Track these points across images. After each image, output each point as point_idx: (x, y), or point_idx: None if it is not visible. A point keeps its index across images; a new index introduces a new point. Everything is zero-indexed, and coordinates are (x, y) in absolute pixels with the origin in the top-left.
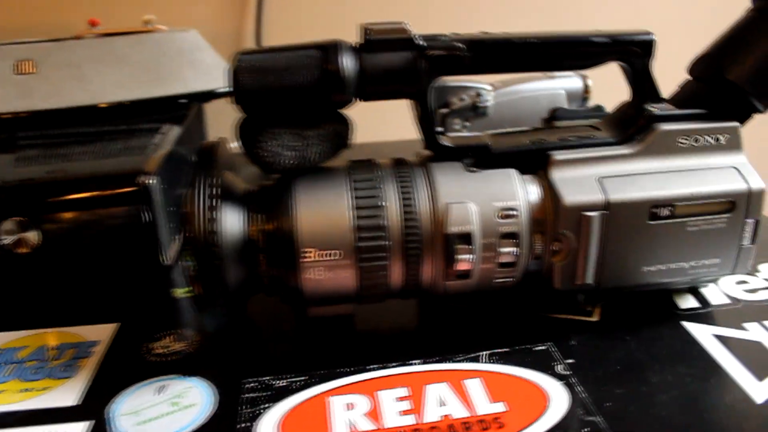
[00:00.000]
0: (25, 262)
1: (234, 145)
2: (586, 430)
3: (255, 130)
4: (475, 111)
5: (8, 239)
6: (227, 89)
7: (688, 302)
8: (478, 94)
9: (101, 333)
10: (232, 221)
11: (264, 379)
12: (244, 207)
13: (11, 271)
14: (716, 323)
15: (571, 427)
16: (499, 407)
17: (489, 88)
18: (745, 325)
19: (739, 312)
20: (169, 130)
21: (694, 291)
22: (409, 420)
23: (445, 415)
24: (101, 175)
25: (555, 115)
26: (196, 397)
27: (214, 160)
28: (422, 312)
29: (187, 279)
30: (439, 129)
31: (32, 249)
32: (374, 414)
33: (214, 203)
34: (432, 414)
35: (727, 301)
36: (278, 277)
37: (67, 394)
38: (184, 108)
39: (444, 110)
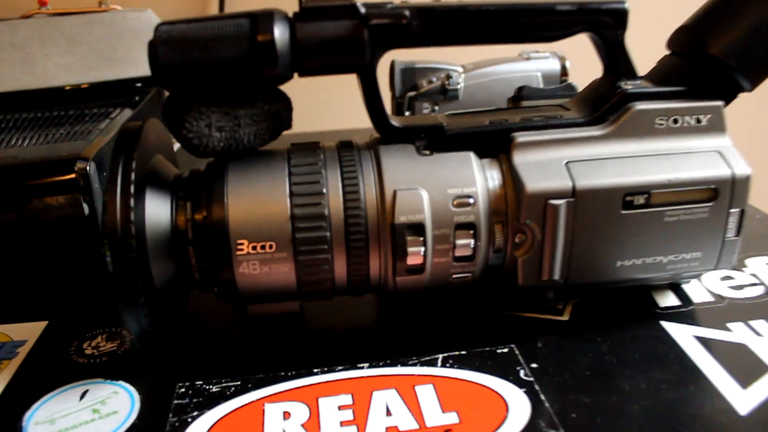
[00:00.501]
0: None
1: None
2: None
3: (180, 108)
4: (444, 94)
5: None
6: None
7: (668, 300)
8: (448, 77)
9: (29, 332)
10: (155, 210)
11: (197, 383)
12: (171, 194)
13: None
14: (698, 323)
15: None
16: (451, 418)
17: (460, 70)
18: (729, 325)
19: (722, 311)
20: (119, 115)
21: (676, 288)
22: (349, 431)
23: (390, 427)
24: (35, 162)
25: (522, 94)
26: (119, 403)
27: (137, 141)
28: (379, 311)
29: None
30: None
31: None
32: (313, 424)
33: (131, 189)
34: (375, 425)
35: (711, 298)
36: (210, 271)
37: None
38: (139, 92)
39: (412, 93)
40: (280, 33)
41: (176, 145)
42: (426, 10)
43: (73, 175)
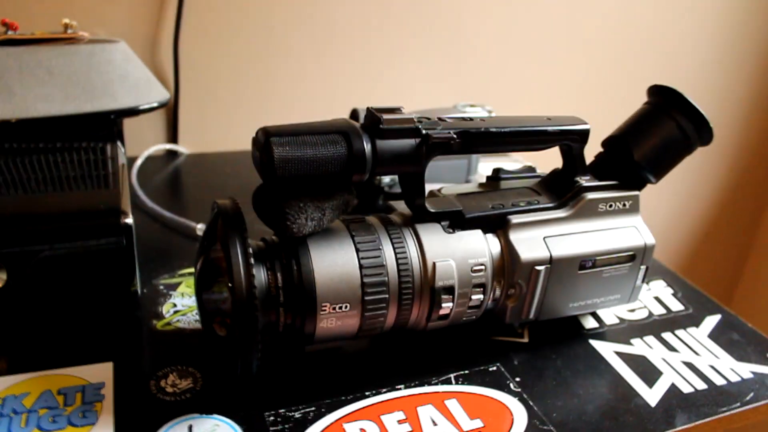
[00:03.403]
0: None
1: None
2: None
3: (276, 200)
4: None
5: None
6: (152, 105)
7: (590, 323)
8: None
9: (101, 374)
10: (257, 277)
11: (280, 411)
12: (262, 264)
13: None
14: (612, 340)
15: None
16: (477, 423)
17: None
18: (632, 340)
19: (625, 330)
20: (113, 152)
21: (593, 313)
22: None
23: None
24: (79, 212)
25: (498, 175)
26: None
27: (243, 219)
28: (385, 341)
29: (209, 320)
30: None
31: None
32: None
33: (250, 260)
34: None
35: (616, 320)
36: (293, 324)
37: None
38: (113, 124)
39: None
40: (367, 149)
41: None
42: (465, 132)
43: (119, 226)
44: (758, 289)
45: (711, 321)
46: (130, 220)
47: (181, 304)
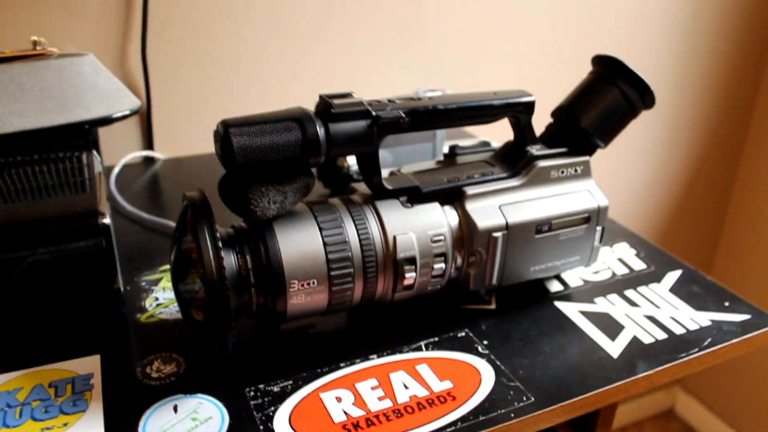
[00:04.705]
0: None
1: None
2: (511, 393)
3: (239, 187)
4: None
5: None
6: (124, 113)
7: (555, 286)
8: None
9: (90, 366)
10: (228, 261)
11: (260, 386)
12: (231, 249)
13: None
14: (576, 300)
15: (501, 392)
16: (447, 384)
17: None
18: (596, 299)
19: (589, 291)
20: (89, 160)
21: (558, 277)
22: (388, 403)
23: (412, 396)
24: (58, 217)
25: (454, 151)
26: (209, 410)
27: (209, 207)
28: (357, 316)
29: (187, 306)
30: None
31: None
32: (360, 402)
33: (219, 244)
34: (402, 396)
35: (581, 283)
36: (265, 304)
37: (91, 425)
38: (88, 134)
39: None
40: (321, 132)
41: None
42: (413, 111)
43: (97, 227)
44: (738, 257)
45: (672, 276)
46: (107, 221)
47: (163, 297)
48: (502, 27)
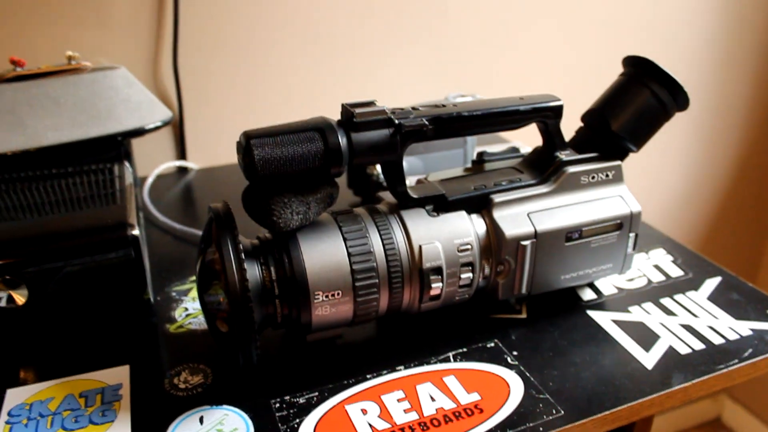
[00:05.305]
0: (17, 318)
1: None
2: (540, 405)
3: (262, 198)
4: None
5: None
6: (156, 124)
7: (588, 295)
8: None
9: (119, 376)
10: (251, 272)
11: (285, 398)
12: (255, 260)
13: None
14: (610, 309)
15: (530, 405)
16: (474, 396)
17: None
18: (630, 308)
19: (623, 299)
20: (120, 171)
21: (591, 285)
22: (413, 416)
23: (438, 408)
24: (88, 229)
25: (481, 158)
26: (235, 422)
27: (233, 219)
28: (385, 326)
29: (212, 318)
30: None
31: (22, 305)
32: (386, 415)
33: (242, 256)
34: (428, 408)
35: (615, 291)
36: (290, 315)
37: None
38: (120, 145)
39: None
40: (343, 142)
41: None
42: (436, 118)
43: (127, 238)
44: None
45: (711, 284)
46: (136, 232)
47: (192, 307)
48: (532, 30)
